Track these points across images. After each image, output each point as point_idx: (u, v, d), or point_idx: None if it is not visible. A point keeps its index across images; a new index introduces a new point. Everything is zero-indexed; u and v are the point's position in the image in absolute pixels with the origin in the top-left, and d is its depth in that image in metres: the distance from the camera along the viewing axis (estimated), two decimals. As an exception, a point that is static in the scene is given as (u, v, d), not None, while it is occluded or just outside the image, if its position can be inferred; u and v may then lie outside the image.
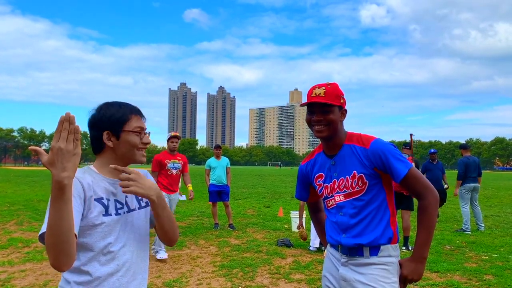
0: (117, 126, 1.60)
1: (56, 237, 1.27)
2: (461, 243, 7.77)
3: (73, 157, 1.24)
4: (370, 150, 1.98)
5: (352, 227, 2.02)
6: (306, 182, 2.31)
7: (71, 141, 1.23)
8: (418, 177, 1.97)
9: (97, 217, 1.52)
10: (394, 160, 1.94)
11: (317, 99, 1.99)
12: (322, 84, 2.05)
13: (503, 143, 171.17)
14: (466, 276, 5.51)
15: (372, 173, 1.99)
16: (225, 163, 9.34)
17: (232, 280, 5.26)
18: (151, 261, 6.14)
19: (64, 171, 1.22)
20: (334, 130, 2.03)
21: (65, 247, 1.29)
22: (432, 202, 1.95)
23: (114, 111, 1.62)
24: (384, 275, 1.95)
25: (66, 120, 1.22)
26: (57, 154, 1.21)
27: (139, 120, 1.65)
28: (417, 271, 1.95)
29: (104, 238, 1.52)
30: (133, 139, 1.61)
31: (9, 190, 19.23)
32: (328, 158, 2.12)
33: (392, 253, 2.00)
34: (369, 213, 2.00)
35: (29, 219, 10.13)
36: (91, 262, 1.51)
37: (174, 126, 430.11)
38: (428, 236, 1.95)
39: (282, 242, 7.44)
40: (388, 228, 2.00)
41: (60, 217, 1.26)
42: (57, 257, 1.30)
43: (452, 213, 12.20)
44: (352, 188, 2.02)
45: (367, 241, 1.98)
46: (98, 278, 1.51)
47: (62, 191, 1.23)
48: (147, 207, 1.73)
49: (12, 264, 5.91)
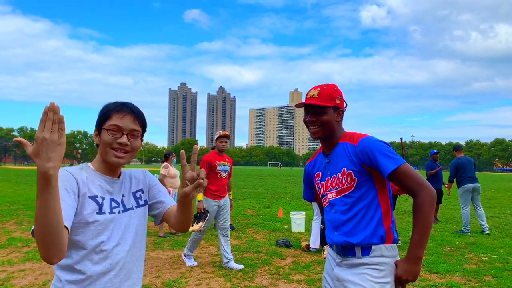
0: (99, 124, 1.61)
1: (44, 228, 1.24)
2: (460, 244, 7.77)
3: (58, 147, 1.20)
4: (358, 146, 1.99)
5: (343, 224, 2.03)
6: (310, 183, 2.35)
7: (55, 131, 1.19)
8: (410, 174, 1.92)
9: (90, 214, 1.51)
10: (381, 157, 1.93)
11: (310, 101, 2.04)
12: (318, 86, 2.08)
13: (503, 144, 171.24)
14: (466, 277, 5.51)
15: (360, 170, 1.99)
16: (225, 164, 9.33)
17: (232, 280, 5.26)
18: (150, 261, 6.14)
19: (49, 161, 1.18)
20: (328, 130, 2.06)
21: (54, 240, 1.27)
22: (427, 200, 1.89)
23: (104, 109, 1.62)
24: (375, 275, 1.94)
25: (50, 110, 1.19)
26: (42, 144, 1.18)
27: (121, 119, 1.58)
28: (412, 272, 1.91)
29: (97, 236, 1.52)
30: (106, 137, 1.57)
31: (9, 190, 19.24)
32: (325, 157, 2.17)
33: (385, 253, 1.97)
34: (360, 210, 2.00)
35: (29, 219, 10.13)
36: (83, 261, 1.50)
37: (174, 127, 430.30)
38: (423, 236, 1.89)
39: (281, 243, 7.44)
40: (380, 227, 1.98)
41: (47, 208, 1.23)
42: (46, 250, 1.28)
43: (451, 214, 12.20)
44: (342, 185, 2.04)
45: (358, 241, 1.98)
46: (90, 277, 1.50)
47: (47, 182, 1.20)
48: (145, 205, 1.72)
49: (11, 264, 5.91)
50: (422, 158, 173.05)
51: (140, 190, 1.72)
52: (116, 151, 1.58)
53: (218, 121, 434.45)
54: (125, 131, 1.58)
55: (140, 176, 1.76)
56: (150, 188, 1.77)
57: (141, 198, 1.71)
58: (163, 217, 1.76)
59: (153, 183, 1.78)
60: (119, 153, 1.58)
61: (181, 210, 1.62)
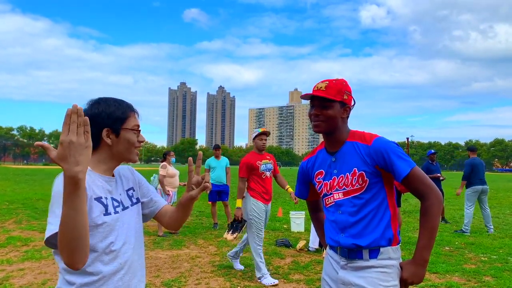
0: (117, 124, 1.59)
1: (71, 233, 1.25)
2: (460, 244, 7.77)
3: (85, 150, 1.20)
4: (372, 147, 1.93)
5: (351, 226, 1.97)
6: (306, 180, 2.26)
7: (81, 133, 1.19)
8: (422, 177, 1.91)
9: (98, 217, 1.50)
10: (397, 159, 1.89)
11: (316, 93, 1.96)
12: (327, 79, 2.01)
13: (502, 144, 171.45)
14: (465, 277, 5.50)
15: (373, 171, 1.94)
16: (225, 163, 9.35)
17: (231, 280, 5.26)
18: (149, 260, 6.14)
19: (78, 165, 1.18)
20: (332, 126, 1.98)
21: (80, 244, 1.28)
22: (435, 203, 1.88)
23: (114, 108, 1.60)
24: (384, 278, 1.91)
25: (73, 112, 1.18)
26: (69, 148, 1.17)
27: (136, 118, 1.66)
28: (418, 274, 1.90)
29: (105, 237, 1.52)
30: (132, 137, 1.61)
31: (8, 189, 19.23)
32: (329, 155, 2.07)
33: (392, 256, 1.95)
34: (369, 213, 1.95)
35: (28, 218, 10.13)
36: (95, 263, 1.50)
37: (174, 126, 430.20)
38: (430, 239, 1.88)
39: (281, 242, 7.43)
40: (388, 229, 1.95)
41: (76, 212, 1.23)
42: (71, 255, 1.28)
43: (451, 214, 12.20)
44: (352, 185, 1.96)
45: (366, 243, 1.93)
46: (103, 278, 1.50)
47: (76, 186, 1.19)
48: (137, 203, 1.73)
49: (10, 263, 5.90)
50: (422, 158, 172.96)
51: (131, 188, 1.73)
52: (137, 150, 1.66)
53: (218, 120, 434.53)
54: (140, 130, 1.67)
55: (128, 174, 1.76)
56: (140, 186, 1.77)
57: (133, 196, 1.72)
58: (155, 216, 1.78)
59: (141, 181, 1.79)
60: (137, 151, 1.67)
61: (183, 211, 1.69)
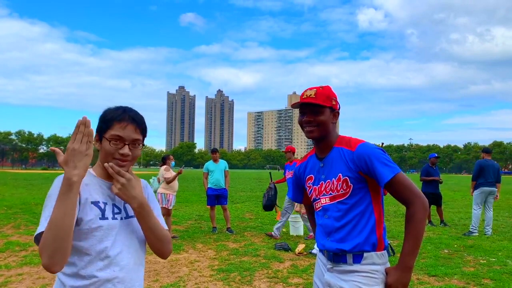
0: (101, 131, 1.58)
1: (56, 232, 1.33)
2: (459, 247, 7.78)
3: (84, 157, 1.39)
4: (355, 153, 1.96)
5: (336, 230, 2.00)
6: (299, 184, 2.32)
7: (84, 142, 1.38)
8: (406, 183, 1.91)
9: (93, 220, 1.51)
10: (379, 164, 1.91)
11: (307, 100, 2.01)
12: (314, 87, 2.07)
13: (500, 147, 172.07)
14: (464, 280, 5.51)
15: (357, 177, 1.97)
16: (223, 167, 9.34)
17: (230, 284, 5.25)
18: (148, 264, 6.13)
19: (75, 169, 1.36)
20: (324, 131, 2.03)
21: (62, 245, 1.34)
22: (420, 209, 1.89)
23: (105, 114, 1.60)
24: (367, 283, 1.93)
25: (82, 123, 1.39)
26: (71, 154, 1.37)
27: (123, 129, 1.56)
28: (402, 281, 1.90)
29: (100, 242, 1.51)
30: (108, 147, 1.55)
31: (7, 193, 19.18)
32: (318, 161, 2.13)
33: (376, 261, 1.96)
34: (354, 218, 1.97)
35: (27, 223, 10.10)
36: (88, 267, 1.50)
37: (172, 130, 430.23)
38: (415, 245, 1.88)
39: (280, 246, 7.43)
40: (373, 234, 1.97)
41: (65, 212, 1.34)
42: (52, 255, 1.34)
43: (450, 217, 12.20)
44: (337, 191, 2.01)
45: (350, 247, 1.95)
46: (95, 283, 1.50)
47: (70, 187, 1.35)
48: None
49: (9, 268, 5.89)
50: (420, 161, 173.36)
51: None
52: (118, 162, 1.56)
53: (216, 124, 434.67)
54: (127, 142, 1.56)
55: None
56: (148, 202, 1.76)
57: None
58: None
59: (150, 198, 1.77)
60: (120, 163, 1.57)
61: (147, 232, 1.63)
